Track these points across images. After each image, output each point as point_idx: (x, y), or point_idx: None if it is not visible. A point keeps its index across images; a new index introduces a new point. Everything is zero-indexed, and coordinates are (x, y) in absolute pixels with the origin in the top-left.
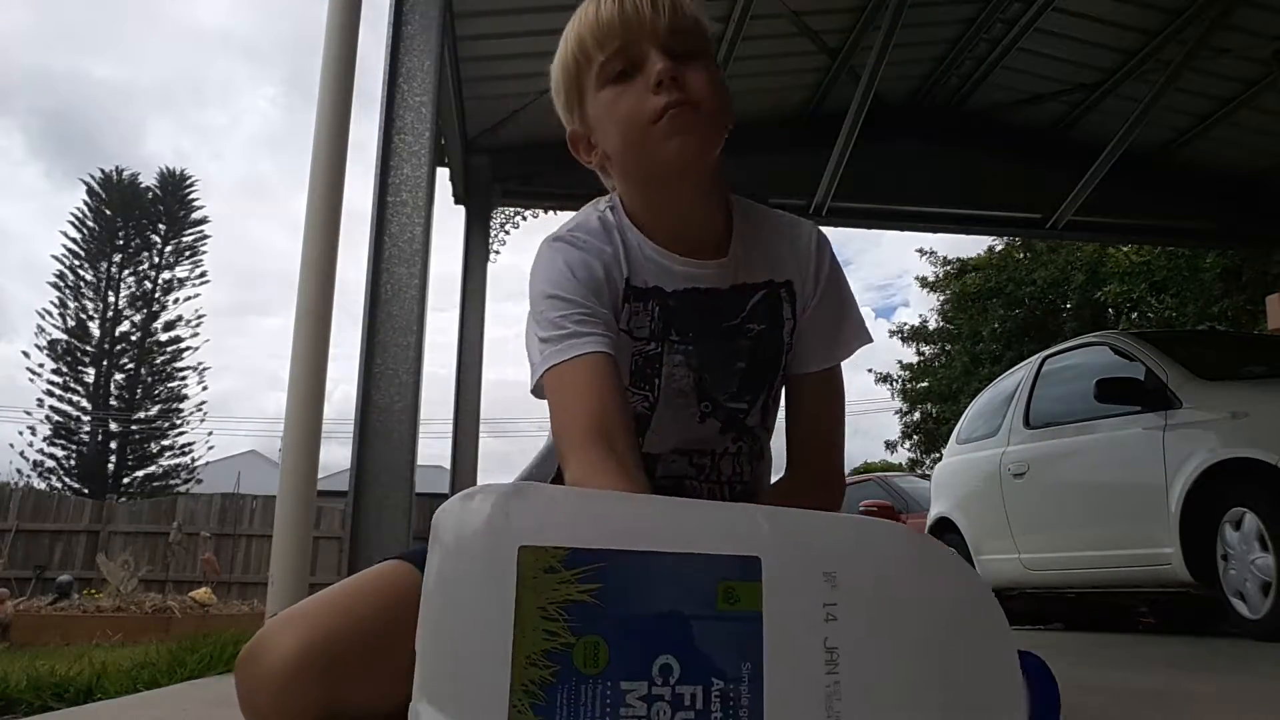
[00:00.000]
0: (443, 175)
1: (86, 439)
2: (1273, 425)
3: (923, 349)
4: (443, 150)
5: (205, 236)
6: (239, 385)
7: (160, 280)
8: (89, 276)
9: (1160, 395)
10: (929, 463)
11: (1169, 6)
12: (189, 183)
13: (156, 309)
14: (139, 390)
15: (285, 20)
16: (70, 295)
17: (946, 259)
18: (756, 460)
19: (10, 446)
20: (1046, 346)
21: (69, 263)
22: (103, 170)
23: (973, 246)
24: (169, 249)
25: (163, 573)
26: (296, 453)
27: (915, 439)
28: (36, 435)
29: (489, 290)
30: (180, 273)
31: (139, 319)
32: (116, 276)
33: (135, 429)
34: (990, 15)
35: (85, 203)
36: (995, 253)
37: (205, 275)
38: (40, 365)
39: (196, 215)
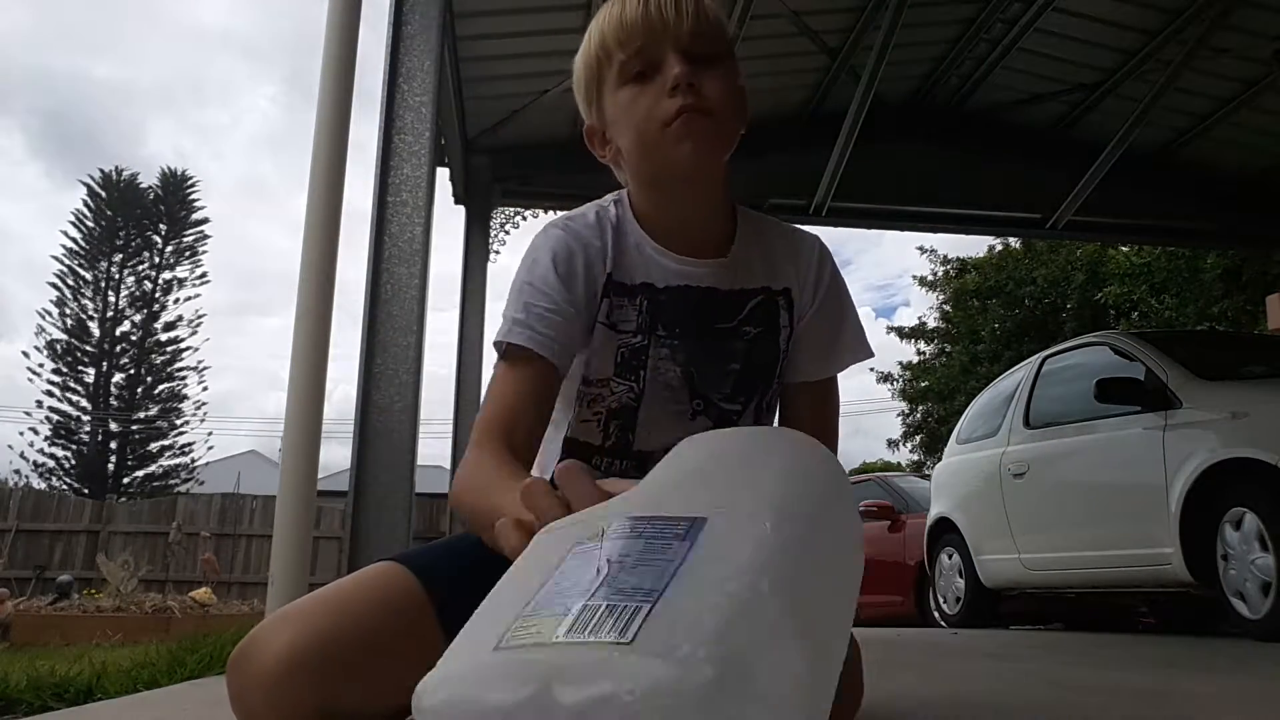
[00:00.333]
0: (443, 175)
1: (86, 439)
2: (1273, 425)
3: (922, 349)
4: (443, 150)
5: (206, 237)
6: (239, 385)
7: (160, 280)
8: (89, 276)
9: (1160, 395)
10: (930, 463)
11: (1169, 6)
12: (190, 183)
13: (157, 309)
14: (139, 390)
15: (285, 19)
16: (70, 295)
17: (946, 258)
18: None
19: (10, 447)
20: (1046, 346)
21: (69, 263)
22: (102, 170)
23: (973, 246)
24: (169, 249)
25: (163, 573)
26: (296, 453)
27: (918, 439)
28: (37, 435)
29: (489, 290)
30: (180, 273)
31: (139, 319)
32: (117, 276)
33: (135, 429)
34: (990, 15)
35: (85, 202)
36: (995, 252)
37: (205, 276)
38: (40, 365)
39: (197, 215)
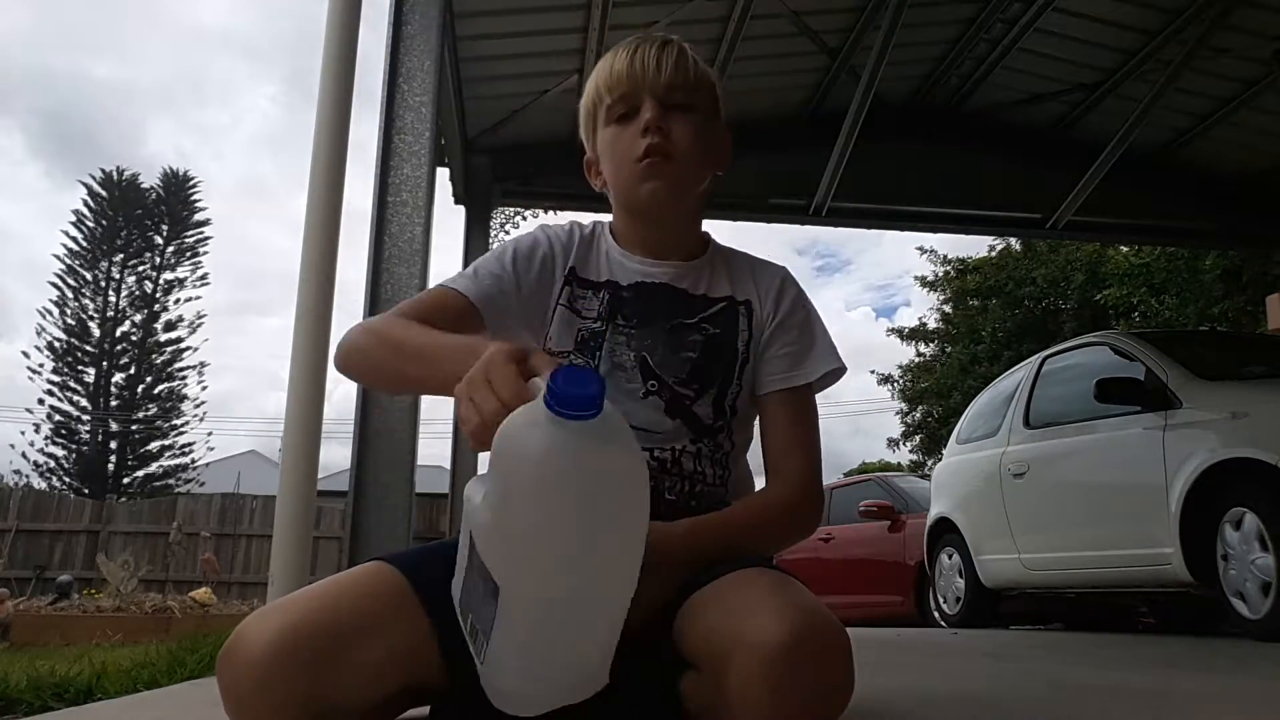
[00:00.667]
0: (443, 175)
1: (86, 439)
2: (1273, 425)
3: (922, 349)
4: (443, 150)
5: (207, 238)
6: (239, 385)
7: (161, 281)
8: (90, 276)
9: (1160, 395)
10: (930, 464)
11: (1169, 6)
12: (192, 184)
13: (157, 309)
14: (139, 390)
15: (286, 18)
16: (71, 295)
17: (947, 258)
18: (721, 467)
19: (11, 446)
20: (1046, 346)
21: (70, 262)
22: (103, 170)
23: (973, 246)
24: (171, 249)
25: (163, 573)
26: (296, 453)
27: (918, 439)
28: (37, 435)
29: None
30: (181, 273)
31: (139, 319)
32: (118, 276)
33: (135, 429)
34: (990, 15)
35: (86, 202)
36: (995, 252)
37: (206, 277)
38: (40, 365)
39: (199, 216)
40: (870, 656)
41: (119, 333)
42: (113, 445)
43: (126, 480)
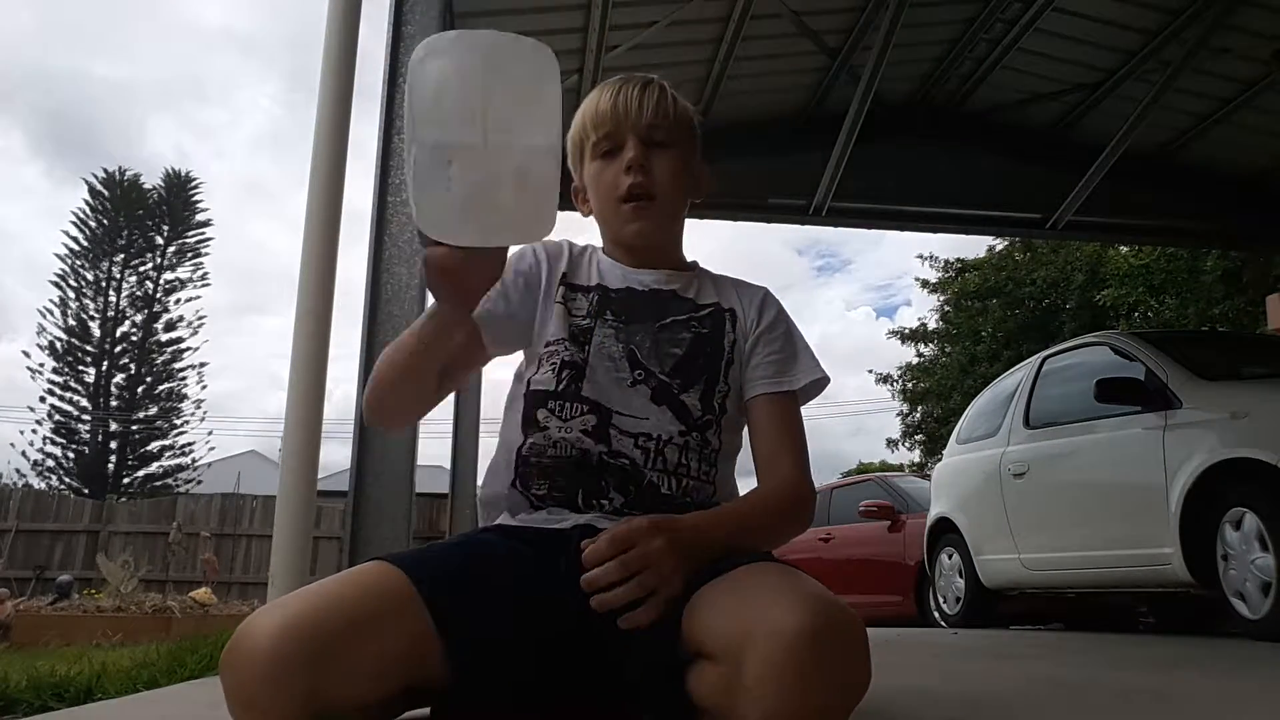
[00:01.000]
0: None
1: (86, 439)
2: (1273, 425)
3: (922, 349)
4: None
5: (208, 238)
6: (239, 385)
7: (162, 281)
8: (90, 276)
9: (1160, 395)
10: (931, 464)
11: (1169, 6)
12: (193, 184)
13: (158, 309)
14: (139, 390)
15: (286, 17)
16: (72, 295)
17: (947, 262)
18: (709, 464)
19: (11, 446)
20: (1046, 346)
21: (71, 262)
22: (105, 170)
23: (973, 247)
24: (171, 250)
25: (163, 573)
26: (296, 453)
27: (918, 440)
28: (37, 435)
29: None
30: (182, 274)
31: (140, 319)
32: (118, 276)
33: (135, 429)
34: (990, 15)
35: (87, 202)
36: (995, 253)
37: (207, 277)
38: (41, 365)
39: (200, 217)
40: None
41: (119, 333)
42: (113, 445)
43: (126, 480)
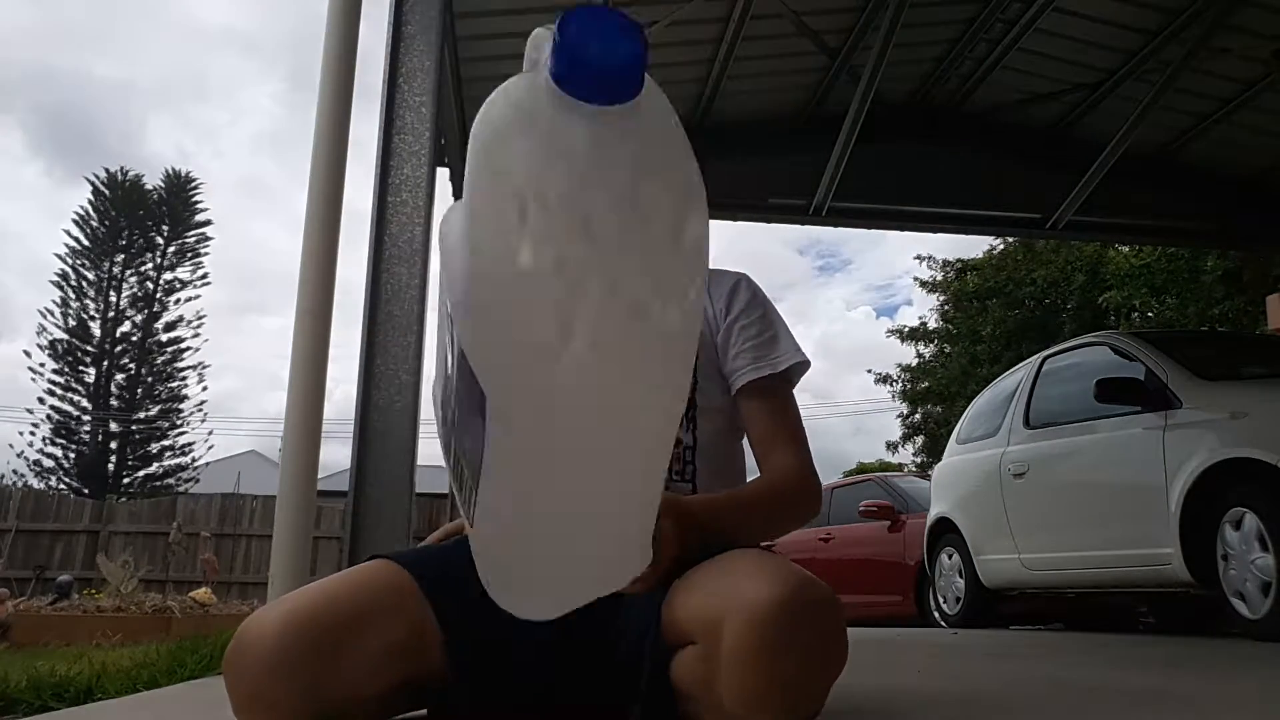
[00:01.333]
0: (443, 175)
1: (86, 439)
2: (1273, 425)
3: (922, 349)
4: (443, 150)
5: (208, 238)
6: (239, 385)
7: (162, 281)
8: (91, 276)
9: (1160, 395)
10: (931, 462)
11: (1169, 6)
12: (193, 184)
13: (158, 309)
14: (139, 390)
15: (287, 15)
16: (73, 295)
17: (946, 262)
18: (681, 461)
19: (10, 447)
20: (1046, 346)
21: (72, 262)
22: (107, 170)
23: (973, 247)
24: (171, 250)
25: (163, 573)
26: (296, 453)
27: (919, 441)
28: (36, 435)
29: None
30: (182, 274)
31: (140, 319)
32: (119, 276)
33: (135, 429)
34: (990, 15)
35: (90, 201)
36: (995, 253)
37: (207, 277)
38: (41, 365)
39: (200, 217)
40: (870, 656)
41: (119, 333)
42: (113, 445)
43: (126, 480)
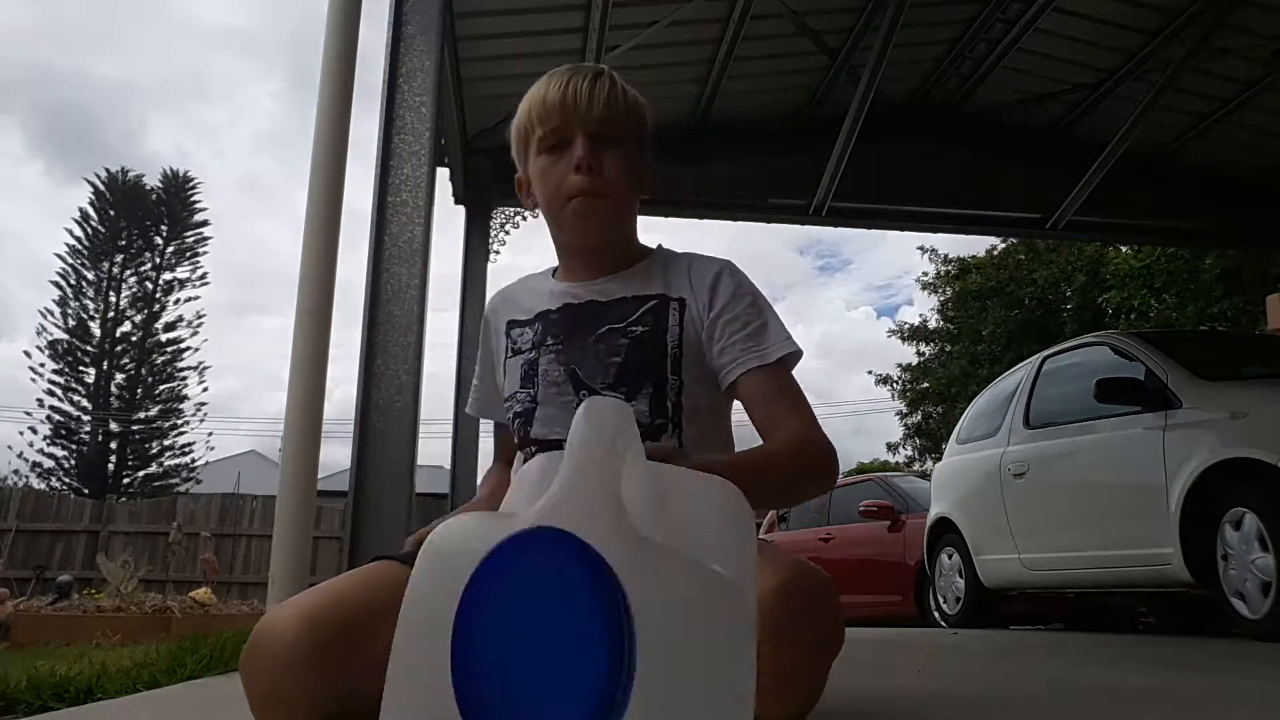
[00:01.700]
0: (443, 175)
1: (86, 439)
2: (1273, 425)
3: (922, 349)
4: (443, 150)
5: (206, 238)
6: (239, 385)
7: (161, 281)
8: (91, 276)
9: (1160, 395)
10: (931, 462)
11: (1169, 6)
12: (192, 184)
13: (157, 309)
14: (139, 390)
15: (287, 15)
16: (72, 295)
17: (948, 257)
18: None
19: (9, 447)
20: (1046, 346)
21: (72, 262)
22: (108, 170)
23: (974, 246)
24: (170, 250)
25: (163, 573)
26: (296, 453)
27: (920, 442)
28: (37, 435)
29: (489, 290)
30: (181, 274)
31: (140, 319)
32: (118, 277)
33: (135, 429)
34: (990, 15)
35: (90, 201)
36: (996, 252)
37: (206, 277)
38: (41, 365)
39: (199, 217)
40: (870, 656)
41: (119, 333)
42: (113, 445)
43: (126, 480)
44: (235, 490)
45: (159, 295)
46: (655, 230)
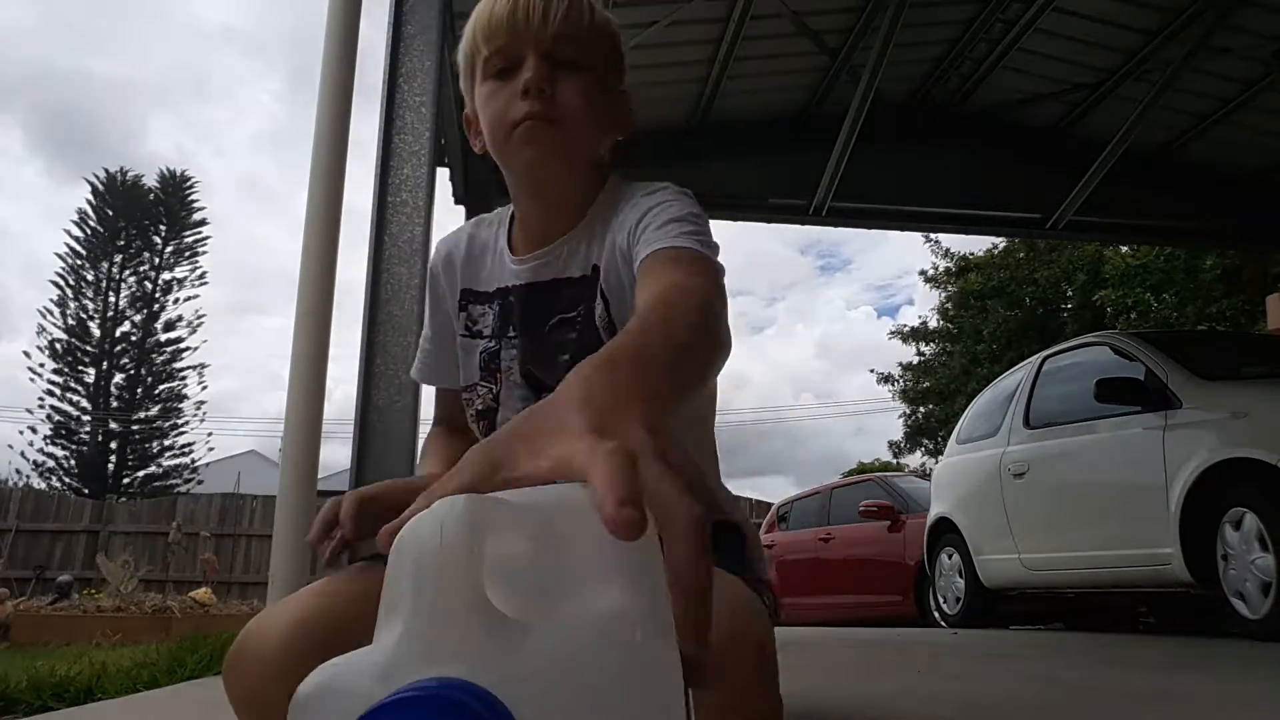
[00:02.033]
0: (443, 175)
1: (87, 439)
2: (1273, 425)
3: (923, 349)
4: (443, 150)
5: (205, 238)
6: (239, 385)
7: (161, 281)
8: (90, 276)
9: (1160, 395)
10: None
11: (1169, 6)
12: (190, 184)
13: (157, 309)
14: (139, 390)
15: (287, 15)
16: (71, 295)
17: (950, 250)
18: None
19: (10, 447)
20: (1046, 346)
21: (70, 262)
22: (107, 170)
23: (974, 244)
24: (169, 249)
25: (163, 573)
26: (296, 453)
27: (924, 444)
28: (36, 435)
29: None
30: (180, 273)
31: (139, 319)
32: (118, 276)
33: (135, 429)
34: (990, 15)
35: (89, 201)
36: (996, 252)
37: (205, 276)
38: (41, 365)
39: (197, 216)
40: (870, 656)
41: (119, 333)
42: (113, 445)
43: (126, 480)
44: (235, 490)
45: (158, 295)
46: None
